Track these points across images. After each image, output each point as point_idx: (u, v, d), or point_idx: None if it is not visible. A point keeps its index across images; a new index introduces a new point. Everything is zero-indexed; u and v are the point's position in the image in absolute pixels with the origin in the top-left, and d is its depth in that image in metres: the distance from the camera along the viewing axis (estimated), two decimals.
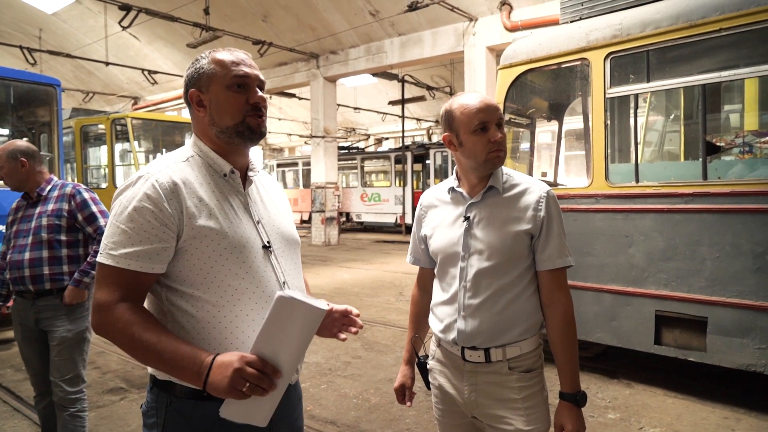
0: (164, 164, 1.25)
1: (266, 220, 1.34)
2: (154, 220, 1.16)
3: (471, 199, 1.61)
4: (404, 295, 7.81)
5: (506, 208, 1.57)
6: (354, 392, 3.97)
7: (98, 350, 5.11)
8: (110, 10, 12.51)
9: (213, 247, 1.20)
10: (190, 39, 12.00)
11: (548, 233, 1.55)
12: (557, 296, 1.56)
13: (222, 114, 1.26)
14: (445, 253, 1.62)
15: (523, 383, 1.54)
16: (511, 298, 1.54)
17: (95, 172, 11.20)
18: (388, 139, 27.02)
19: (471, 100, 1.58)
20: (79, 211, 2.65)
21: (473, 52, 11.06)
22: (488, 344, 1.54)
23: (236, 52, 1.31)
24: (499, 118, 1.56)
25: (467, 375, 1.58)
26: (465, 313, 1.56)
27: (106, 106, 20.44)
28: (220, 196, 1.26)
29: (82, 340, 2.68)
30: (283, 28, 13.44)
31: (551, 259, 1.56)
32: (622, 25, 3.85)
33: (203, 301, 1.21)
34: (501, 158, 1.57)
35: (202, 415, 1.20)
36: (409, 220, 17.68)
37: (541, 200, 1.56)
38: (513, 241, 1.53)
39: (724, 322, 3.40)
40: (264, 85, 1.33)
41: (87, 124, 10.26)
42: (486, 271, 1.54)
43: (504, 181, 1.61)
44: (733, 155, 4.15)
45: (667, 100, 6.09)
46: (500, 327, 1.53)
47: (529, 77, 4.64)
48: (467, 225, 1.58)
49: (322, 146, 14.42)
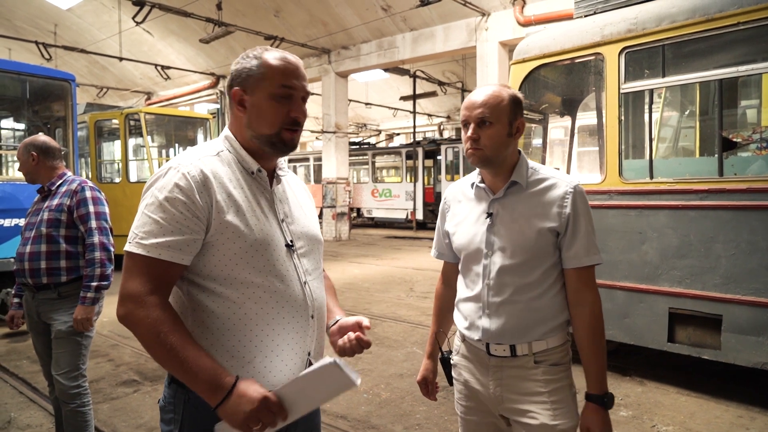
0: (195, 157, 1.24)
1: (291, 219, 1.34)
2: (186, 210, 1.16)
3: (494, 195, 1.57)
4: (414, 291, 7.82)
5: (530, 204, 1.53)
6: (364, 387, 3.99)
7: (112, 343, 5.18)
8: (124, 6, 12.59)
9: (239, 243, 1.19)
10: (203, 34, 12.06)
11: (575, 230, 1.50)
12: (584, 295, 1.52)
13: (260, 121, 1.25)
14: (468, 250, 1.59)
15: (550, 376, 1.51)
16: (536, 297, 1.51)
17: (109, 166, 11.31)
18: (399, 134, 27.00)
19: (471, 95, 1.56)
20: (76, 208, 2.62)
21: (485, 47, 10.99)
22: (514, 341, 1.51)
23: (289, 58, 1.27)
24: (480, 116, 1.50)
25: (492, 370, 1.56)
26: (489, 311, 1.54)
27: (120, 101, 20.61)
28: (248, 193, 1.26)
29: (80, 334, 2.62)
30: (294, 23, 13.45)
31: (578, 257, 1.51)
32: (638, 20, 3.80)
33: (224, 298, 1.20)
34: (476, 156, 1.53)
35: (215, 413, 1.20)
36: (420, 216, 17.68)
37: (567, 196, 1.51)
38: (536, 238, 1.49)
39: (740, 319, 3.36)
40: (308, 97, 1.31)
41: (101, 119, 10.35)
42: (509, 269, 1.51)
43: (528, 176, 1.56)
44: (750, 151, 4.08)
45: (682, 96, 6.00)
46: (525, 325, 1.51)
47: (543, 72, 4.60)
48: (490, 222, 1.55)
49: (333, 141, 14.44)
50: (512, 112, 1.53)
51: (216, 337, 1.21)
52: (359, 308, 6.60)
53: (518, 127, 1.55)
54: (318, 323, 1.33)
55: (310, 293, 1.31)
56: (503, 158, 1.55)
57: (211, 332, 1.21)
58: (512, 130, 1.54)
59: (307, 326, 1.29)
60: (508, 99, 1.53)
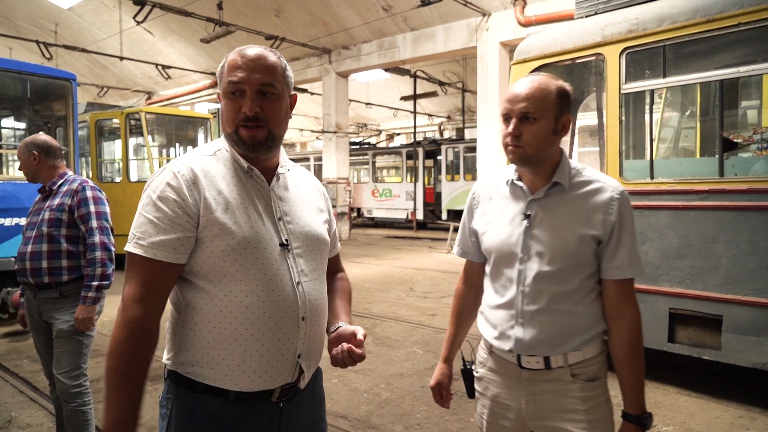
0: (189, 156, 1.27)
1: (290, 217, 1.30)
2: (178, 209, 1.18)
3: (532, 195, 1.45)
4: (414, 290, 7.82)
5: (572, 207, 1.42)
6: (365, 387, 3.99)
7: None
8: (125, 5, 12.60)
9: (227, 241, 1.19)
10: (204, 34, 12.08)
11: (619, 240, 1.40)
12: (624, 308, 1.43)
13: (223, 121, 1.25)
14: (500, 252, 1.47)
15: (587, 393, 1.41)
16: (573, 306, 1.42)
17: (109, 166, 11.31)
18: (400, 134, 27.01)
19: (515, 85, 1.42)
20: (77, 208, 2.62)
21: (486, 47, 10.99)
22: (548, 353, 1.41)
23: (245, 51, 1.23)
24: (523, 111, 1.37)
25: (525, 384, 1.45)
26: (523, 320, 1.43)
27: (121, 100, 20.62)
28: (242, 191, 1.25)
29: (81, 333, 2.62)
30: (295, 23, 13.46)
31: (620, 269, 1.41)
32: (639, 20, 3.80)
33: (209, 294, 1.21)
34: (515, 155, 1.41)
35: (204, 409, 1.22)
36: (421, 216, 17.69)
37: (613, 202, 1.40)
38: (578, 245, 1.39)
39: (740, 320, 3.36)
40: (274, 89, 1.22)
41: (102, 118, 10.35)
42: (547, 276, 1.40)
43: (571, 177, 1.44)
44: (751, 152, 4.08)
45: (683, 96, 6.00)
46: (561, 335, 1.41)
47: (543, 72, 4.60)
48: (527, 224, 1.43)
49: (334, 141, 14.45)
50: (559, 107, 1.40)
51: (194, 333, 1.22)
52: (359, 308, 6.61)
53: (564, 124, 1.42)
54: (311, 326, 1.29)
55: (302, 294, 1.26)
56: (545, 157, 1.42)
57: (190, 327, 1.23)
58: (558, 127, 1.41)
59: (296, 328, 1.25)
60: (555, 92, 1.39)
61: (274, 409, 1.26)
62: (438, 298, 7.34)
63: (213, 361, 1.21)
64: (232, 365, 1.20)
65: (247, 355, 1.20)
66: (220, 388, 1.21)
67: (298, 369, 1.27)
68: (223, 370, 1.21)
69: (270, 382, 1.23)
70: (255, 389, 1.22)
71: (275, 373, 1.23)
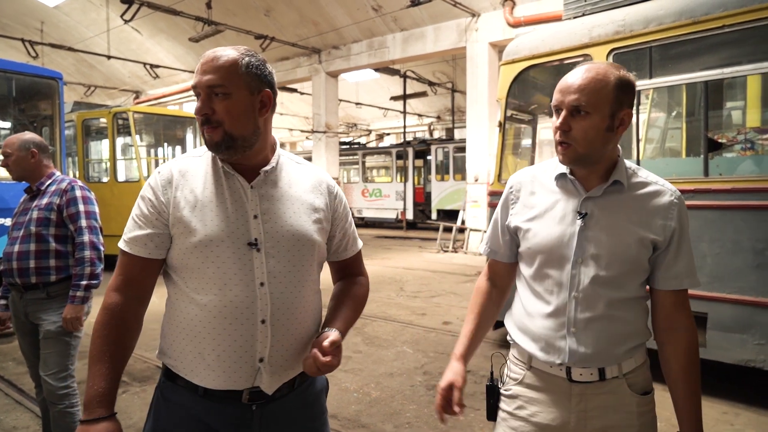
0: (178, 157, 1.34)
1: (270, 215, 1.27)
2: (152, 207, 1.25)
3: (587, 193, 1.32)
4: (405, 290, 7.84)
5: (632, 208, 1.31)
6: (355, 386, 3.99)
7: None
8: (112, 4, 12.51)
9: (190, 238, 1.22)
10: (193, 33, 12.01)
11: (679, 248, 1.31)
12: (681, 321, 1.34)
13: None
14: (549, 253, 1.33)
15: (642, 408, 1.33)
16: (626, 314, 1.32)
17: (97, 166, 11.20)
18: (390, 134, 27.03)
19: (569, 75, 1.30)
20: (66, 207, 2.60)
21: (475, 47, 11.04)
22: (604, 363, 1.31)
23: (207, 53, 1.24)
24: (574, 104, 1.25)
25: (575, 399, 1.31)
26: (576, 329, 1.30)
27: (108, 99, 20.44)
28: (218, 189, 1.26)
29: (69, 334, 2.60)
30: (285, 22, 13.43)
31: (679, 278, 1.32)
32: (625, 22, 3.84)
33: (181, 290, 1.27)
34: (565, 155, 1.30)
35: (177, 399, 1.27)
36: (411, 216, 17.71)
37: (673, 207, 1.31)
38: (637, 249, 1.29)
39: (724, 318, 3.41)
40: (221, 89, 1.20)
41: (89, 117, 10.25)
42: (604, 281, 1.29)
43: (629, 176, 1.34)
44: (735, 152, 4.14)
45: (669, 97, 6.07)
46: (616, 345, 1.31)
47: (532, 73, 4.63)
48: (582, 223, 1.31)
49: (324, 141, 14.43)
50: (616, 100, 1.25)
51: (169, 324, 1.30)
52: None
53: (623, 119, 1.28)
54: (276, 329, 1.25)
55: (265, 296, 1.23)
56: (599, 157, 1.30)
57: (167, 318, 1.31)
58: (614, 123, 1.27)
59: (254, 331, 1.22)
60: (613, 84, 1.25)
61: (246, 410, 1.25)
62: (428, 297, 7.36)
63: (178, 354, 1.26)
64: (194, 361, 1.24)
65: (205, 353, 1.22)
66: (190, 381, 1.25)
67: (260, 374, 1.24)
68: (187, 365, 1.25)
69: (230, 383, 1.23)
70: (218, 388, 1.23)
71: (234, 375, 1.22)
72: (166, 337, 1.30)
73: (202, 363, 1.23)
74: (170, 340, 1.28)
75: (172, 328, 1.28)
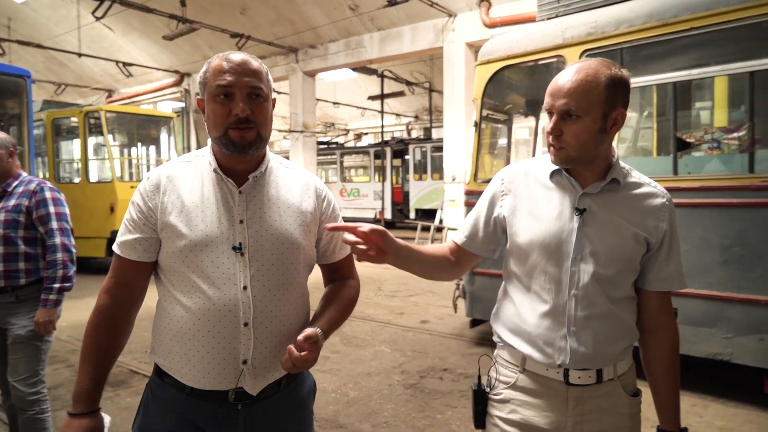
0: (167, 162, 1.39)
1: (255, 220, 1.29)
2: (140, 212, 1.30)
3: (585, 189, 1.30)
4: (383, 290, 7.85)
5: (628, 207, 1.31)
6: (332, 387, 3.99)
7: (72, 347, 5.03)
8: (83, 1, 12.22)
9: (176, 242, 1.26)
10: (167, 31, 11.82)
11: (670, 249, 1.32)
12: (665, 321, 1.36)
13: (210, 125, 1.28)
14: (547, 249, 1.30)
15: (634, 410, 1.34)
16: (622, 313, 1.32)
17: (68, 166, 10.95)
18: (368, 134, 27.01)
19: (559, 76, 1.27)
20: (35, 209, 2.54)
21: (452, 47, 11.10)
22: (602, 364, 1.30)
23: (230, 56, 1.26)
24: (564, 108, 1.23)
25: (572, 403, 1.29)
26: (576, 328, 1.28)
27: (79, 98, 19.96)
28: (206, 194, 1.30)
29: (39, 338, 2.55)
30: (261, 21, 13.30)
31: (669, 280, 1.33)
32: (597, 23, 3.91)
33: (169, 292, 1.31)
34: (557, 157, 1.28)
35: (166, 396, 1.31)
36: (389, 215, 17.73)
37: (664, 209, 1.32)
38: (633, 247, 1.29)
39: (693, 312, 3.50)
40: (260, 91, 1.26)
41: (59, 117, 10.01)
42: (602, 279, 1.28)
43: (624, 176, 1.34)
44: (703, 151, 4.25)
45: (641, 97, 6.20)
46: (612, 346, 1.30)
47: (507, 73, 4.69)
48: (581, 220, 1.29)
49: (301, 141, 14.34)
50: (608, 101, 1.23)
51: (159, 324, 1.34)
52: None
53: (616, 119, 1.25)
54: (259, 332, 1.27)
55: (248, 300, 1.26)
56: (593, 158, 1.29)
57: (157, 319, 1.35)
58: (607, 125, 1.25)
59: (237, 333, 1.25)
60: (604, 84, 1.22)
61: (232, 409, 1.28)
62: (406, 297, 7.39)
63: (167, 354, 1.30)
64: (181, 361, 1.28)
65: (191, 354, 1.26)
66: (178, 380, 1.29)
67: (244, 376, 1.26)
68: (175, 365, 1.29)
69: (215, 384, 1.26)
70: (203, 387, 1.27)
71: (218, 376, 1.26)
72: (156, 336, 1.35)
73: (188, 363, 1.27)
74: (159, 340, 1.33)
75: (161, 329, 1.32)
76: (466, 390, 3.87)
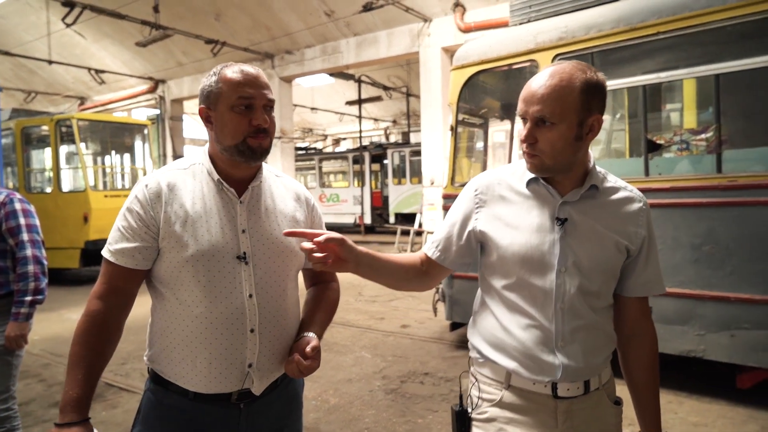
0: (162, 169, 1.37)
1: (256, 230, 1.35)
2: (139, 220, 1.30)
3: (564, 197, 1.26)
4: (363, 295, 7.83)
5: (607, 214, 1.27)
6: (313, 394, 3.96)
7: (44, 362, 4.91)
8: (53, 7, 11.99)
9: (182, 253, 1.28)
10: (140, 37, 11.66)
11: (649, 254, 1.30)
12: (645, 326, 1.35)
13: (225, 133, 1.31)
14: (530, 262, 1.25)
15: (617, 419, 1.33)
16: (604, 322, 1.31)
17: (39, 175, 10.70)
18: (346, 139, 26.98)
19: (532, 81, 1.23)
20: (5, 221, 2.48)
21: (428, 52, 11.17)
22: (589, 375, 1.27)
23: (247, 69, 1.32)
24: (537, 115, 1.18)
25: (562, 417, 1.25)
26: (564, 342, 1.24)
27: (51, 106, 19.55)
28: (209, 205, 1.32)
29: (10, 353, 2.49)
30: (236, 27, 13.21)
31: (648, 285, 1.31)
32: (568, 28, 3.98)
33: (170, 302, 1.31)
34: (532, 165, 1.24)
35: (168, 402, 1.33)
36: (369, 220, 17.72)
37: (642, 214, 1.29)
38: (615, 256, 1.26)
39: (666, 311, 3.57)
40: (273, 104, 1.34)
41: (29, 125, 9.78)
42: (587, 291, 1.25)
43: (601, 181, 1.30)
44: (673, 152, 4.35)
45: (614, 100, 6.32)
46: (597, 356, 1.28)
47: (481, 78, 4.73)
48: (562, 231, 1.24)
49: (279, 147, 14.26)
50: (583, 107, 1.18)
51: (158, 333, 1.34)
52: None
53: (593, 126, 1.21)
54: (264, 338, 1.34)
55: (254, 307, 1.32)
56: (569, 166, 1.24)
57: (155, 327, 1.36)
58: (582, 132, 1.20)
59: (244, 339, 1.31)
60: (578, 90, 1.17)
61: (234, 409, 1.34)
62: (386, 301, 7.39)
63: (169, 362, 1.32)
64: (186, 368, 1.30)
65: (197, 361, 1.29)
66: (180, 386, 1.31)
67: (250, 378, 1.32)
68: (178, 372, 1.31)
69: (221, 387, 1.31)
70: (208, 392, 1.30)
71: (225, 380, 1.31)
72: (154, 345, 1.35)
73: (194, 370, 1.29)
74: (160, 348, 1.33)
75: (161, 337, 1.33)
76: (447, 393, 3.88)
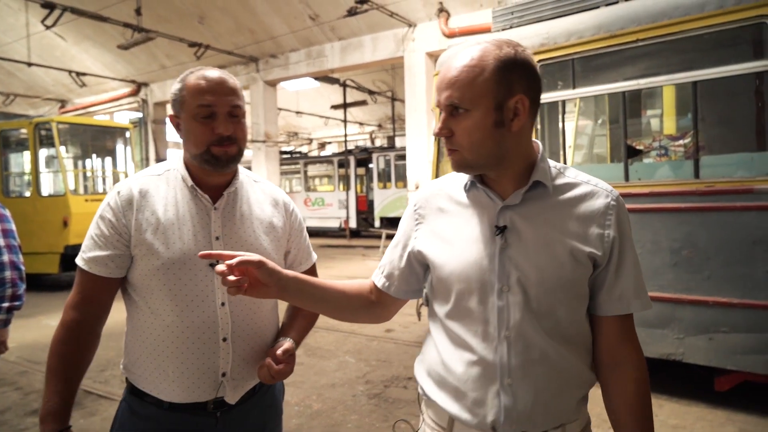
0: (137, 175, 1.35)
1: (230, 236, 1.33)
2: (111, 228, 1.28)
3: (504, 201, 1.05)
4: None
5: (560, 216, 1.04)
6: (296, 399, 3.93)
7: (20, 369, 4.80)
8: (32, 9, 11.80)
9: (153, 261, 1.26)
10: (122, 40, 11.54)
11: (621, 262, 1.04)
12: (628, 352, 1.07)
13: (189, 142, 1.29)
14: (467, 283, 1.04)
15: None
16: (567, 355, 1.04)
17: (18, 179, 10.51)
18: (331, 143, 26.97)
19: (446, 60, 1.08)
20: None
21: (413, 57, 11.22)
22: (546, 426, 1.03)
23: (209, 75, 1.27)
24: (447, 101, 1.01)
25: None
26: (512, 379, 1.01)
27: (30, 109, 19.25)
28: (181, 211, 1.30)
29: None
30: (220, 30, 13.14)
31: (624, 300, 1.05)
32: (549, 34, 4.02)
33: (142, 310, 1.29)
34: (453, 161, 1.04)
35: (144, 412, 1.31)
36: (354, 224, 17.70)
37: (609, 211, 1.04)
38: (572, 267, 1.01)
39: (646, 314, 3.61)
40: (239, 110, 1.29)
41: (7, 128, 9.62)
42: (537, 313, 1.01)
43: (553, 177, 1.07)
44: (652, 158, 4.41)
45: (595, 106, 6.40)
46: (560, 397, 1.05)
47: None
48: (503, 240, 1.03)
49: (264, 151, 14.19)
50: (501, 87, 0.98)
51: (131, 341, 1.33)
52: None
53: (516, 109, 0.99)
54: (237, 346, 1.32)
55: (226, 316, 1.30)
56: (498, 159, 1.02)
57: (129, 336, 1.34)
58: (504, 117, 0.99)
59: (216, 348, 1.29)
60: (492, 68, 0.97)
61: (211, 418, 1.31)
62: None
63: (143, 371, 1.30)
64: (159, 378, 1.28)
65: (169, 370, 1.27)
66: (155, 396, 1.29)
67: (224, 387, 1.30)
68: (152, 381, 1.29)
69: (194, 397, 1.28)
70: (182, 401, 1.28)
71: (198, 390, 1.28)
72: (129, 354, 1.34)
73: (166, 379, 1.27)
74: (134, 357, 1.32)
75: (134, 346, 1.31)
76: None
